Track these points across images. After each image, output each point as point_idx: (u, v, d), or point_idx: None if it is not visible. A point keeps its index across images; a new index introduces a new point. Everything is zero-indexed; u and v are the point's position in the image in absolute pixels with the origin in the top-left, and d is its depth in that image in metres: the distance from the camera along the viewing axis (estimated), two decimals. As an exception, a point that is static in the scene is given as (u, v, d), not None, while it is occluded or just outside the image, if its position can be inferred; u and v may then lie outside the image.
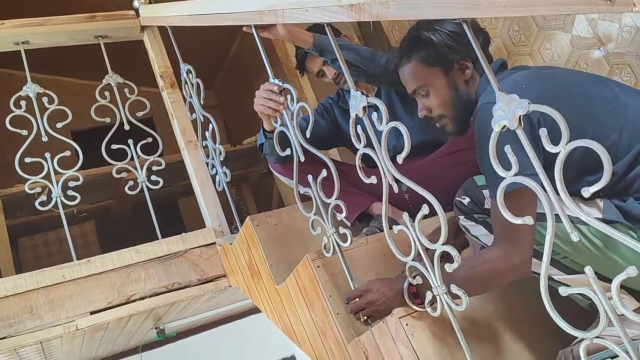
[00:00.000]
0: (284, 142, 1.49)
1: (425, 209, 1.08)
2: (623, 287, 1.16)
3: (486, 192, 1.25)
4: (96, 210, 3.95)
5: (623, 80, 1.53)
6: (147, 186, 2.14)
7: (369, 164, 1.24)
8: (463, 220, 1.33)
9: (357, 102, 1.19)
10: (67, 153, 2.05)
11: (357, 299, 1.33)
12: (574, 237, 0.84)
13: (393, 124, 1.11)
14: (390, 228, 1.21)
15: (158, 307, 2.03)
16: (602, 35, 1.57)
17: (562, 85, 1.19)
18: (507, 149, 0.89)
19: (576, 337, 1.01)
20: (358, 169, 1.25)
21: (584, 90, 1.17)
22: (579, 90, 1.18)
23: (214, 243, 2.09)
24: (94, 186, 3.29)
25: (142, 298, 1.96)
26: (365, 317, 1.33)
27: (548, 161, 0.86)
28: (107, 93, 2.16)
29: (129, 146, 2.15)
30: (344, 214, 1.32)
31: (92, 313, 1.91)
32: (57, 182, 2.01)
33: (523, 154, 0.88)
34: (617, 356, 0.88)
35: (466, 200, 1.29)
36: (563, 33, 1.65)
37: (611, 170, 0.78)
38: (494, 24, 1.81)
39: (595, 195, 1.10)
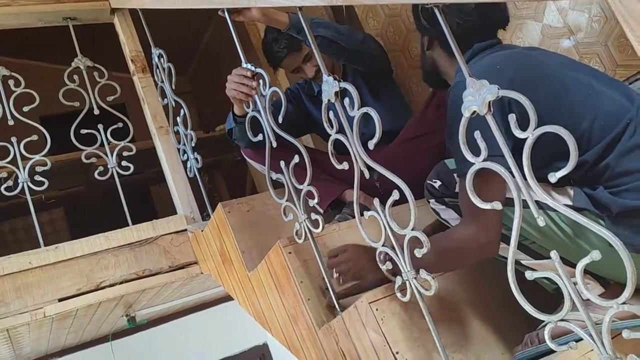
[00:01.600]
0: (256, 127, 1.48)
1: (395, 195, 1.08)
2: (589, 273, 1.18)
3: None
4: (66, 197, 3.87)
5: (592, 70, 1.55)
6: (117, 172, 2.10)
7: (341, 152, 1.24)
8: (433, 204, 1.34)
9: (329, 87, 1.19)
10: (35, 137, 2.01)
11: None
12: (541, 222, 0.85)
13: (365, 109, 1.11)
14: (362, 214, 1.21)
15: (128, 294, 2.01)
16: (572, 24, 1.59)
17: (538, 69, 1.20)
18: (477, 134, 0.90)
19: (543, 322, 1.03)
20: (330, 155, 1.25)
21: (560, 76, 1.18)
22: (554, 75, 1.19)
23: (185, 230, 2.07)
24: (63, 172, 3.22)
25: (111, 285, 1.94)
26: (337, 275, 1.39)
27: (519, 145, 0.86)
28: (76, 77, 2.12)
29: (98, 131, 2.12)
30: (316, 200, 1.32)
31: (60, 300, 1.87)
32: (24, 167, 1.97)
33: (492, 136, 0.89)
34: (581, 339, 0.90)
35: (437, 184, 1.30)
36: (534, 22, 1.67)
37: (577, 156, 0.79)
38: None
39: (566, 182, 1.13)
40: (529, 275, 0.90)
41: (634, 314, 0.81)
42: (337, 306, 1.35)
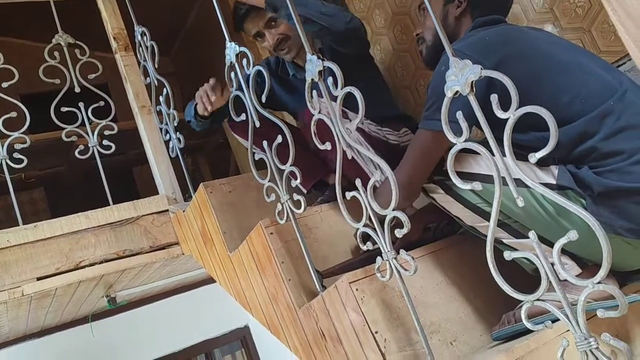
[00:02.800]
0: (239, 106, 1.47)
1: (377, 175, 1.09)
2: (568, 254, 1.20)
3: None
4: (46, 177, 3.82)
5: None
6: (98, 151, 2.08)
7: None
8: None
9: (313, 66, 1.18)
10: (14, 114, 1.97)
11: None
12: (520, 202, 0.86)
13: (348, 89, 1.10)
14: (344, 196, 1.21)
15: (108, 274, 2.00)
16: (557, 10, 1.60)
17: (527, 45, 1.23)
18: (459, 115, 0.90)
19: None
20: (313, 135, 1.24)
21: (549, 52, 1.21)
22: (543, 51, 1.21)
23: (167, 210, 2.06)
24: (44, 152, 3.18)
25: (91, 264, 1.93)
26: None
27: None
28: (57, 54, 2.08)
29: (79, 110, 2.09)
30: (298, 180, 1.31)
31: (38, 279, 1.86)
32: (3, 144, 1.94)
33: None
34: (557, 319, 0.91)
35: None
36: (519, 6, 1.67)
37: (557, 136, 0.79)
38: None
39: (550, 161, 1.14)
40: (507, 255, 0.91)
41: (609, 294, 0.82)
42: (318, 286, 1.35)
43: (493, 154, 0.87)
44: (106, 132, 2.10)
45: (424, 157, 1.26)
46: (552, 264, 0.87)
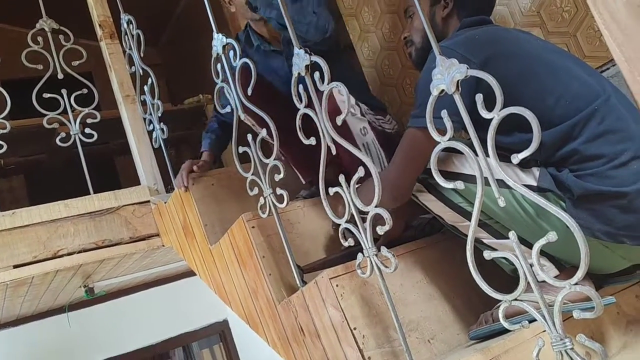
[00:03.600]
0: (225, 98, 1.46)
1: (360, 171, 1.08)
2: (548, 255, 1.21)
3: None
4: (26, 164, 3.76)
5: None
6: (80, 139, 2.05)
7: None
8: None
9: (300, 60, 1.17)
10: (-6, 99, 1.95)
11: None
12: (501, 202, 0.86)
13: (335, 84, 1.10)
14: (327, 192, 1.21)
15: (86, 264, 1.98)
16: (543, 14, 1.61)
17: (514, 45, 1.24)
18: (444, 113, 0.90)
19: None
20: (298, 130, 1.23)
21: (535, 53, 1.22)
22: (530, 52, 1.22)
23: (148, 201, 2.05)
24: (25, 138, 3.14)
25: (69, 254, 1.90)
26: None
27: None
28: (40, 39, 2.05)
29: (62, 97, 2.06)
30: (281, 175, 1.31)
31: (15, 267, 1.83)
32: (-18, 129, 1.91)
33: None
34: (534, 320, 0.92)
35: None
36: (506, 9, 1.68)
37: (540, 138, 0.80)
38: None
39: (532, 163, 1.15)
40: (487, 255, 0.91)
41: (586, 296, 0.83)
42: (299, 281, 1.35)
43: (476, 154, 0.87)
44: (89, 120, 2.07)
45: (413, 156, 1.24)
46: (531, 265, 0.88)
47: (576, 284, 0.82)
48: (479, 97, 0.85)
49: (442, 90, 0.91)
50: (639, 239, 1.09)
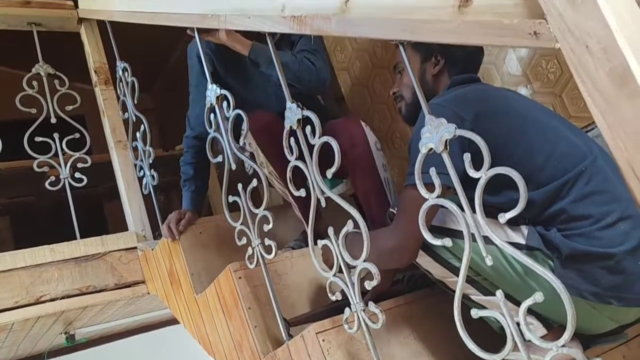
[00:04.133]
0: (216, 147, 1.47)
1: (349, 225, 1.09)
2: (535, 314, 1.20)
3: None
4: (13, 206, 3.73)
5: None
6: (69, 183, 2.05)
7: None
8: None
9: (292, 114, 1.19)
10: (-17, 140, 1.95)
11: None
12: (489, 261, 0.87)
13: (325, 139, 1.12)
14: (316, 243, 1.21)
15: (69, 310, 1.94)
16: (530, 74, 1.66)
17: (503, 103, 1.26)
18: (432, 171, 0.92)
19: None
20: (288, 182, 1.25)
21: (524, 112, 1.24)
22: (519, 111, 1.24)
23: (135, 247, 2.03)
24: (13, 180, 3.13)
25: (52, 300, 1.87)
26: None
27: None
28: (35, 83, 2.08)
29: (54, 140, 2.07)
30: (270, 226, 1.31)
31: (-5, 312, 1.80)
32: (-30, 170, 1.90)
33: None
34: (521, 380, 0.91)
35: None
36: (495, 68, 1.73)
37: (526, 198, 0.81)
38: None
39: (521, 221, 1.16)
40: (474, 313, 0.91)
41: (573, 358, 0.83)
42: (284, 334, 1.33)
43: (465, 212, 0.88)
44: (79, 165, 2.07)
45: (413, 215, 1.14)
46: (518, 324, 0.88)
47: (563, 345, 0.81)
48: (467, 157, 0.86)
49: (431, 149, 0.92)
50: (625, 300, 1.09)
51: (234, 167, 1.42)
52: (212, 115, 1.45)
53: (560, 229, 1.12)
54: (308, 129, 1.15)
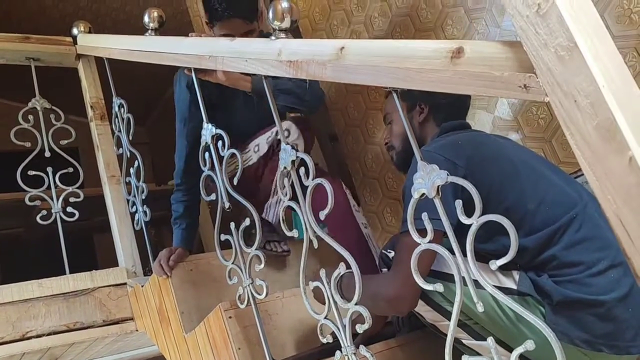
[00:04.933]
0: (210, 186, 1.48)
1: (342, 267, 1.09)
2: (526, 359, 1.20)
3: None
4: (3, 238, 3.71)
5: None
6: (61, 217, 2.04)
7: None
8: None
9: (287, 155, 1.21)
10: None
11: None
12: (480, 307, 0.87)
13: (318, 181, 1.13)
14: (307, 284, 1.21)
15: (55, 347, 1.91)
16: (521, 119, 1.69)
17: (495, 150, 1.28)
18: (424, 216, 0.93)
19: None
20: (280, 222, 1.25)
21: (516, 159, 1.26)
22: (510, 157, 1.26)
23: (125, 284, 2.01)
24: (3, 212, 3.11)
25: (38, 336, 1.84)
26: None
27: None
28: (31, 117, 2.09)
29: (47, 174, 2.07)
30: (262, 266, 1.31)
31: (-21, 348, 1.76)
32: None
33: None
34: None
35: (392, 254, 1.32)
36: (486, 113, 1.76)
37: (517, 247, 0.81)
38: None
39: (512, 266, 1.16)
40: (465, 359, 0.91)
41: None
42: (273, 376, 1.32)
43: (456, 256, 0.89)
44: (71, 199, 2.07)
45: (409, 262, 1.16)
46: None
47: (555, 394, 0.81)
48: (459, 203, 0.87)
49: (423, 194, 0.94)
50: (616, 347, 1.09)
51: (227, 205, 1.43)
52: (206, 154, 1.46)
53: (552, 275, 1.13)
54: (302, 170, 1.16)
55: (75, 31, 2.20)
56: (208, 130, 1.46)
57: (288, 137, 1.80)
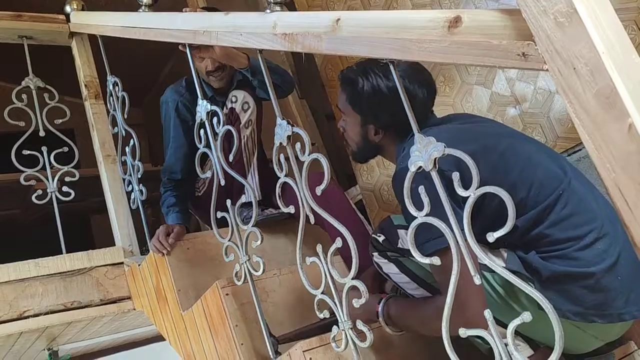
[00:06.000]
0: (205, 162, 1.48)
1: (338, 242, 1.09)
2: (520, 334, 1.20)
3: (401, 232, 1.27)
4: (-2, 219, 3.69)
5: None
6: (56, 197, 2.03)
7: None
8: (377, 258, 1.35)
9: (282, 130, 1.19)
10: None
11: None
12: (477, 280, 0.87)
13: (314, 155, 1.12)
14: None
15: (53, 326, 1.91)
16: (519, 94, 1.67)
17: (482, 142, 1.22)
18: (421, 189, 0.92)
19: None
20: (277, 198, 1.25)
21: (498, 145, 1.22)
22: (493, 146, 1.22)
23: (122, 263, 2.01)
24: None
25: (36, 315, 1.84)
26: None
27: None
28: (24, 96, 2.06)
29: (42, 154, 2.05)
30: (259, 242, 1.30)
31: (-23, 327, 1.76)
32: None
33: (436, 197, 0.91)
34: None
35: (381, 238, 1.31)
36: (484, 88, 1.74)
37: (514, 218, 0.81)
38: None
39: (500, 245, 1.16)
40: (462, 332, 0.91)
41: (560, 378, 0.82)
42: (272, 353, 1.32)
43: (454, 232, 0.88)
44: (67, 179, 2.06)
45: (469, 284, 0.95)
46: (506, 344, 0.88)
47: (552, 365, 0.81)
48: (455, 176, 0.87)
49: (420, 167, 0.93)
50: (609, 317, 1.10)
51: (222, 182, 1.42)
52: (202, 131, 1.45)
53: (540, 252, 1.13)
54: (298, 145, 1.15)
55: (68, 9, 2.17)
56: (203, 107, 1.45)
57: (248, 109, 1.88)
